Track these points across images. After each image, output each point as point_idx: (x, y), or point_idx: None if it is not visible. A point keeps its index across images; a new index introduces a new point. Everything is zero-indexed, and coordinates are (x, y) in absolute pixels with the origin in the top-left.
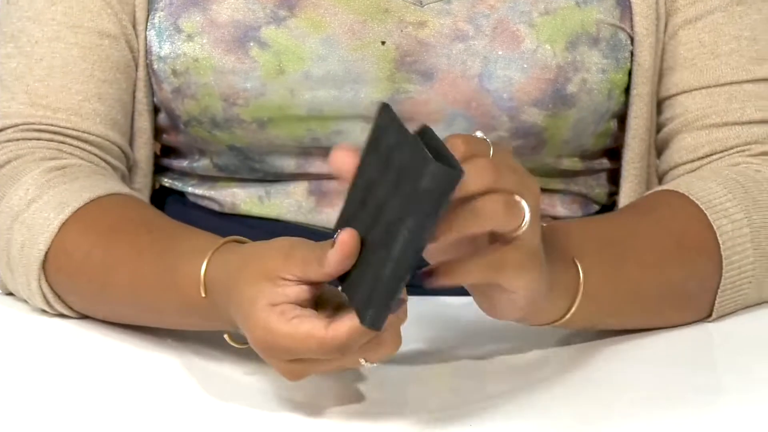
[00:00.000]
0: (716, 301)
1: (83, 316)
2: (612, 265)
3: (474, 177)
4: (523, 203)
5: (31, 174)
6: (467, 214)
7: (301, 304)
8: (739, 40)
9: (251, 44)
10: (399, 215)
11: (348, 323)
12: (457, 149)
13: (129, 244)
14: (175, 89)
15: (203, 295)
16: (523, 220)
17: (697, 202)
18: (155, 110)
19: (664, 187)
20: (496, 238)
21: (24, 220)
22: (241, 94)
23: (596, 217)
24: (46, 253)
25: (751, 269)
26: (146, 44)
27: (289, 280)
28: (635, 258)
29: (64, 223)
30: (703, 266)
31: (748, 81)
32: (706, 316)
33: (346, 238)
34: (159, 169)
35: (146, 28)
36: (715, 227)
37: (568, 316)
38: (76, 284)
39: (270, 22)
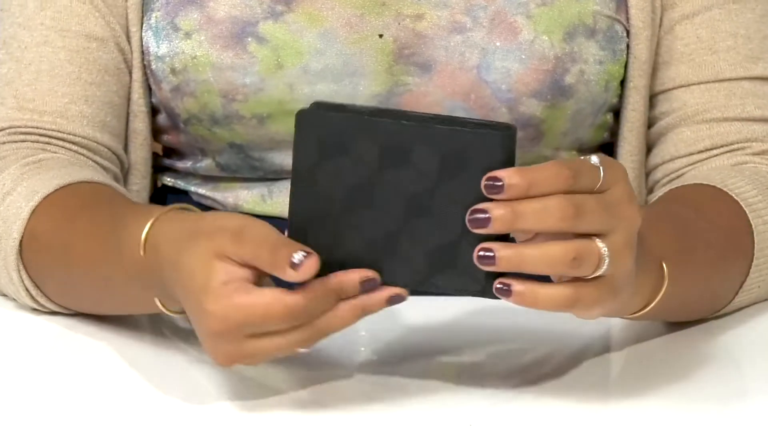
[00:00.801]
0: (733, 300)
1: (74, 314)
2: (682, 267)
3: (539, 216)
4: (602, 247)
5: (8, 170)
6: (538, 256)
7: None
8: (735, 37)
9: (249, 40)
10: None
11: (317, 284)
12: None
13: (89, 220)
14: (174, 88)
15: (142, 253)
16: (599, 265)
17: (737, 199)
18: (153, 111)
19: (701, 181)
20: None
21: (0, 214)
22: (240, 90)
23: (662, 210)
24: (21, 241)
25: (765, 270)
26: (142, 45)
27: (236, 263)
28: (699, 260)
29: (33, 210)
30: (738, 267)
31: (745, 78)
32: (718, 311)
33: (312, 265)
34: (161, 169)
35: (141, 29)
36: (753, 226)
37: (641, 312)
38: (47, 268)
39: (267, 17)
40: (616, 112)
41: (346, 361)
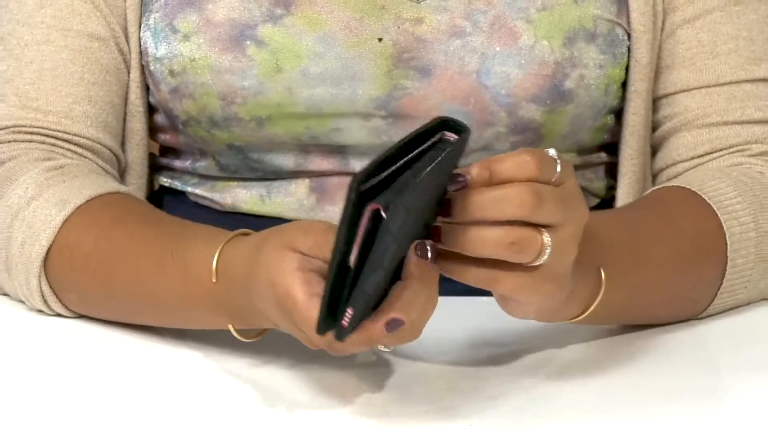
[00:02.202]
0: (713, 303)
1: (80, 316)
2: (631, 273)
3: (504, 201)
4: (546, 237)
5: (29, 173)
6: (475, 237)
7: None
8: (737, 40)
9: (248, 43)
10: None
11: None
12: (508, 168)
13: (134, 234)
14: (173, 89)
15: (214, 280)
16: (540, 254)
17: (710, 202)
18: (150, 111)
19: (677, 183)
20: None
21: (24, 218)
22: (238, 93)
23: (618, 215)
24: (48, 249)
25: (749, 273)
26: (140, 46)
27: (307, 255)
28: (653, 265)
29: (66, 220)
30: (711, 270)
31: (746, 81)
32: (698, 314)
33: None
34: (157, 169)
35: (139, 29)
36: (725, 228)
37: (580, 318)
38: (79, 279)
39: (266, 21)
40: (617, 114)
41: (347, 361)
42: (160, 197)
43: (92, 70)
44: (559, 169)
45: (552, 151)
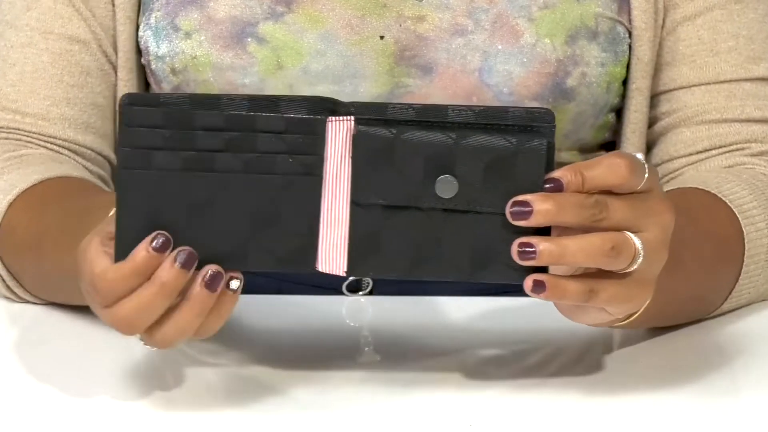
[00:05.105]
0: (723, 305)
1: (52, 304)
2: (668, 278)
3: (578, 209)
4: (636, 241)
5: None
6: (576, 247)
7: None
8: (737, 38)
9: (249, 40)
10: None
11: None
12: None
13: (60, 211)
14: (175, 88)
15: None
16: (634, 259)
17: (731, 206)
18: None
19: (694, 185)
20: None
21: None
22: (239, 90)
23: None
24: None
25: (757, 278)
26: (137, 45)
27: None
28: (685, 270)
29: (11, 204)
30: (728, 275)
31: (746, 79)
32: (707, 315)
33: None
34: None
35: (138, 28)
36: (744, 234)
37: (624, 322)
38: (24, 259)
39: (267, 18)
40: (618, 112)
41: (347, 361)
42: None
43: (72, 72)
44: (647, 174)
45: (640, 156)
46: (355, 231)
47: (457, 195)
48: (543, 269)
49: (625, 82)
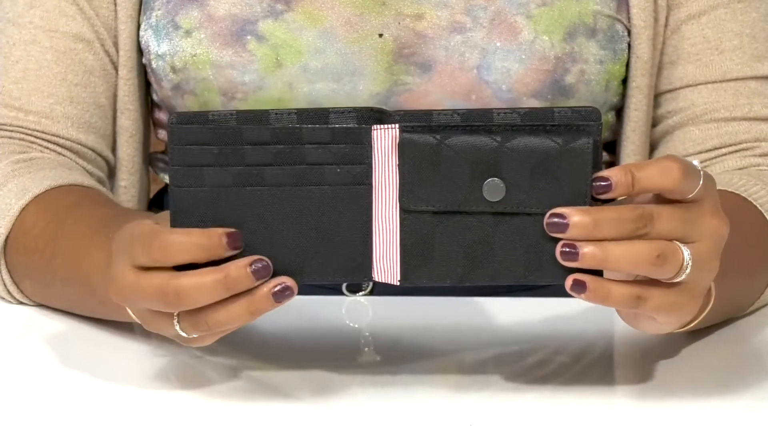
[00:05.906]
0: (750, 307)
1: (44, 306)
2: (721, 283)
3: (625, 218)
4: (685, 252)
5: None
6: (621, 253)
7: None
8: (741, 37)
9: (249, 38)
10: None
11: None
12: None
13: (82, 218)
14: (175, 86)
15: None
16: (681, 269)
17: (761, 209)
18: (151, 108)
19: (724, 187)
20: None
21: None
22: (239, 88)
23: None
24: (7, 237)
25: None
26: (139, 43)
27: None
28: (730, 275)
29: (24, 208)
30: (761, 280)
31: (751, 78)
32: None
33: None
34: (161, 167)
35: (138, 27)
36: None
37: (684, 328)
38: (28, 261)
39: (267, 16)
40: (618, 112)
41: (348, 361)
42: (162, 195)
43: (75, 71)
44: (701, 181)
45: (696, 162)
46: (407, 239)
47: (505, 198)
48: (594, 272)
49: (624, 81)
